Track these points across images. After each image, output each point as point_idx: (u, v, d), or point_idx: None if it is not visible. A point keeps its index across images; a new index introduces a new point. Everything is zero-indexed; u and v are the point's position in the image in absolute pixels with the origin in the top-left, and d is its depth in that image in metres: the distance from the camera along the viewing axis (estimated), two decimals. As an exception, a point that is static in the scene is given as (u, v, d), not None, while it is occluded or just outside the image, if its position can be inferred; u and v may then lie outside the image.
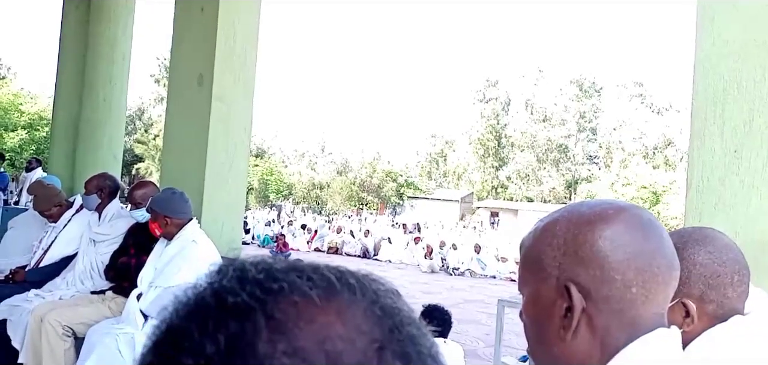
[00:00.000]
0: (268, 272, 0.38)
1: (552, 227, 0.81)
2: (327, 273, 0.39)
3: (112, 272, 3.57)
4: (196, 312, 0.36)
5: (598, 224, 0.78)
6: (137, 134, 40.94)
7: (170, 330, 0.36)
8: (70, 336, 3.25)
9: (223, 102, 4.14)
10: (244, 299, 0.36)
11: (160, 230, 3.15)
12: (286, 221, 24.95)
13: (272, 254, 7.61)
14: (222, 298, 0.36)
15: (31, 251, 4.23)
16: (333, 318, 0.36)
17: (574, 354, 0.78)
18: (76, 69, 6.46)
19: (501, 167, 52.82)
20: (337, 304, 0.37)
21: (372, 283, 0.40)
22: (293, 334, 0.35)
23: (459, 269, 14.60)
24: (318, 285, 0.37)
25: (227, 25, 4.14)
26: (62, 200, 4.34)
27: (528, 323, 0.85)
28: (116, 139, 6.48)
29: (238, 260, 0.40)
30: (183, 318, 0.36)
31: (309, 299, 0.36)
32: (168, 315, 0.37)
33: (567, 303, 0.77)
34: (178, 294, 0.38)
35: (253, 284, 0.37)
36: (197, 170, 4.08)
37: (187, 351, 0.34)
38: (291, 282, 0.37)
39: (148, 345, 0.37)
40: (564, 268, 0.78)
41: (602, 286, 0.76)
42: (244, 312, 0.35)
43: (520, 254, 0.86)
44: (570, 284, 0.77)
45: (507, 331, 4.27)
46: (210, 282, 0.38)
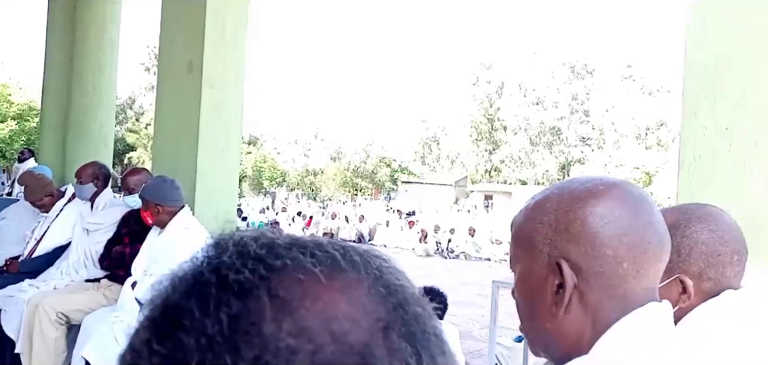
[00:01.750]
0: (269, 248, 0.36)
1: (543, 205, 0.82)
2: (330, 250, 0.38)
3: (106, 261, 3.57)
4: (195, 288, 0.34)
5: (589, 201, 0.78)
6: (129, 123, 40.72)
7: (168, 307, 0.35)
8: (64, 323, 3.25)
9: (213, 88, 4.11)
10: (246, 276, 0.34)
11: (152, 219, 3.14)
12: (281, 207, 24.94)
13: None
14: (223, 275, 0.34)
15: (24, 241, 4.21)
16: (338, 297, 0.35)
17: (566, 330, 0.78)
18: (64, 57, 6.39)
19: (494, 151, 52.88)
20: (342, 282, 0.36)
21: (375, 259, 0.39)
22: (298, 314, 0.33)
23: (454, 252, 14.67)
24: (322, 262, 0.36)
25: (216, 10, 4.11)
26: (53, 190, 4.32)
27: (520, 300, 0.85)
28: (107, 127, 6.43)
29: (237, 234, 0.38)
30: (182, 294, 0.35)
31: (313, 276, 0.35)
32: (164, 290, 0.36)
33: (559, 280, 0.78)
34: (174, 269, 0.37)
35: (255, 260, 0.35)
36: (189, 158, 4.06)
37: (187, 330, 0.32)
38: (294, 258, 0.36)
39: (143, 321, 0.35)
40: (555, 245, 0.78)
41: (593, 262, 0.76)
42: (247, 291, 0.34)
43: (511, 232, 0.86)
44: (561, 260, 0.77)
45: (502, 312, 4.28)
46: (208, 257, 0.36)
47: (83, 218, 3.90)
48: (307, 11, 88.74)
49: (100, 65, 6.24)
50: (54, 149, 6.45)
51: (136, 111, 42.94)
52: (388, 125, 59.87)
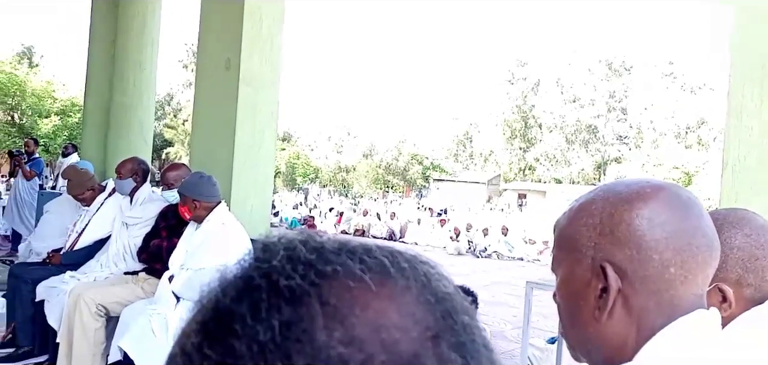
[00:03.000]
0: (319, 253, 0.36)
1: (588, 207, 0.80)
2: (379, 255, 0.37)
3: (144, 255, 3.64)
4: (246, 293, 0.34)
5: (636, 203, 0.76)
6: (167, 119, 41.55)
7: (219, 311, 0.34)
8: (103, 315, 3.33)
9: (250, 86, 4.17)
10: (297, 282, 0.34)
11: (190, 214, 3.20)
12: (313, 204, 25.15)
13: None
14: (273, 280, 0.34)
15: (66, 234, 4.34)
16: (387, 305, 0.35)
17: (609, 336, 0.76)
18: (106, 55, 6.56)
19: (528, 149, 52.26)
20: (390, 289, 0.36)
21: (422, 265, 0.39)
22: (349, 322, 0.33)
23: (486, 251, 14.56)
24: (371, 269, 0.36)
25: (254, 9, 4.15)
26: (95, 184, 4.44)
27: (562, 304, 0.83)
28: (146, 123, 6.58)
29: (285, 237, 0.38)
30: (233, 299, 0.34)
31: (363, 283, 0.35)
32: (214, 293, 0.36)
33: (602, 284, 0.76)
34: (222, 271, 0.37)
35: (305, 265, 0.35)
36: (226, 154, 4.12)
37: (238, 336, 0.32)
38: (344, 264, 0.36)
39: (194, 325, 0.35)
40: (600, 248, 0.76)
41: (639, 266, 0.74)
42: (299, 297, 0.33)
43: (555, 234, 0.85)
44: (606, 264, 0.75)
45: (535, 313, 4.24)
46: (257, 261, 0.36)
47: (123, 212, 3.99)
48: (341, 8, 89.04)
49: (141, 63, 6.38)
50: (96, 145, 6.62)
51: (174, 107, 43.80)
52: (420, 122, 59.67)
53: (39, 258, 4.27)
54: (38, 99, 32.97)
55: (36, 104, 32.77)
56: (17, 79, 32.43)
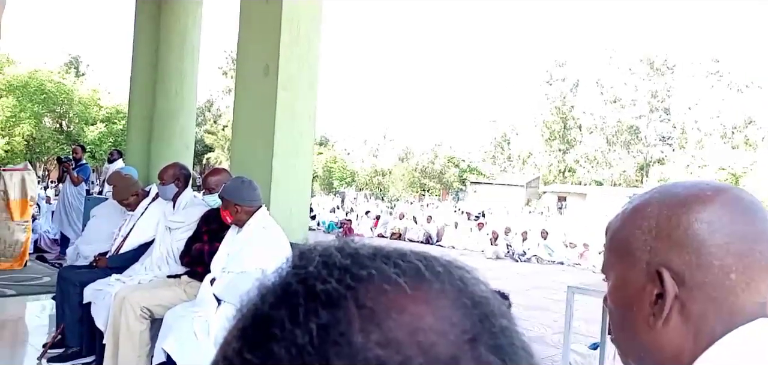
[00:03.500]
0: (354, 258, 0.37)
1: (643, 209, 0.77)
2: (414, 260, 0.38)
3: (187, 258, 3.71)
4: (284, 299, 0.35)
5: (694, 206, 0.73)
6: (207, 125, 42.38)
7: (258, 317, 0.35)
8: (148, 317, 3.41)
9: (288, 91, 4.21)
10: (333, 286, 0.35)
11: (232, 218, 3.24)
12: (350, 207, 25.27)
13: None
14: (310, 285, 0.35)
15: (112, 238, 4.46)
16: (423, 308, 0.35)
17: (664, 344, 0.73)
18: (149, 63, 6.72)
19: (568, 150, 51.37)
20: (426, 293, 0.36)
21: (458, 270, 0.39)
22: (386, 325, 0.33)
23: (525, 255, 14.36)
24: (406, 273, 0.36)
25: (291, 15, 4.19)
26: (139, 189, 4.55)
27: (613, 309, 0.80)
28: (188, 129, 6.72)
29: (321, 244, 0.39)
30: (271, 305, 0.35)
31: (398, 287, 0.35)
32: (253, 301, 0.36)
33: (658, 289, 0.73)
34: (261, 279, 0.37)
35: (340, 270, 0.36)
36: (265, 158, 4.17)
37: (277, 340, 0.33)
38: (379, 268, 0.36)
39: (234, 332, 0.36)
40: (656, 252, 0.73)
41: (698, 272, 0.71)
42: (335, 301, 0.34)
43: (607, 237, 0.82)
44: (662, 269, 0.72)
45: (576, 318, 4.15)
46: (294, 268, 0.37)
47: (166, 216, 4.08)
48: (377, 12, 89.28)
49: (182, 71, 6.53)
50: (140, 151, 6.79)
51: (214, 113, 44.65)
52: (456, 125, 59.33)
53: (86, 261, 4.40)
54: (85, 107, 34.10)
55: (83, 112, 33.89)
56: (65, 88, 33.63)
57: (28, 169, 7.73)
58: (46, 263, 7.89)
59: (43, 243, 8.92)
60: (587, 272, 12.61)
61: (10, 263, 7.12)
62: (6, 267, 7.05)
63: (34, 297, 6.14)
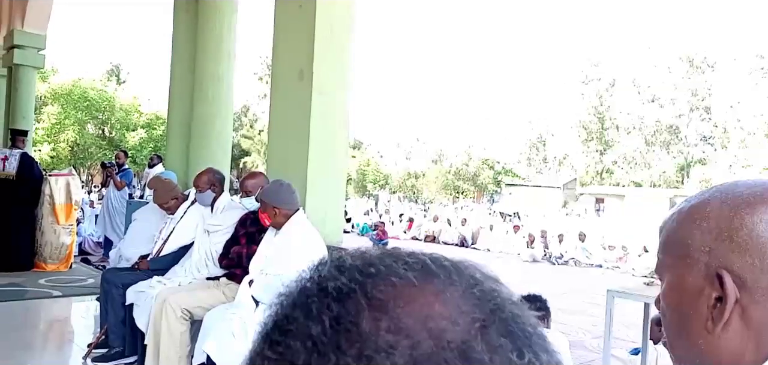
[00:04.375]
0: (363, 258, 0.39)
1: (702, 209, 0.74)
2: (421, 257, 0.40)
3: (225, 260, 3.77)
4: (299, 299, 0.38)
5: (759, 206, 0.69)
6: (244, 130, 42.97)
7: (277, 320, 0.38)
8: (188, 319, 3.48)
9: (323, 95, 4.24)
10: (343, 282, 0.37)
11: (270, 220, 3.29)
12: (384, 210, 25.30)
13: (372, 242, 7.74)
14: (322, 284, 0.38)
15: (152, 241, 4.56)
16: (431, 298, 0.37)
17: (722, 350, 0.70)
18: (187, 70, 6.86)
19: (606, 151, 50.37)
20: (435, 286, 0.37)
21: (467, 268, 0.40)
22: (395, 313, 0.35)
23: (562, 257, 14.14)
24: (413, 268, 0.38)
25: (325, 20, 4.23)
26: (178, 193, 4.65)
27: (667, 312, 0.77)
28: (225, 134, 6.82)
29: (335, 253, 0.42)
30: (288, 307, 0.38)
31: (406, 280, 0.37)
32: (275, 308, 0.39)
33: (718, 293, 0.70)
34: (282, 290, 0.40)
35: (350, 270, 0.38)
36: (300, 162, 4.21)
37: (293, 335, 0.36)
38: (387, 265, 0.38)
39: (259, 339, 0.38)
40: (716, 254, 0.70)
41: (762, 276, 0.68)
42: (345, 294, 0.37)
43: (661, 237, 0.79)
44: (723, 271, 0.69)
45: (616, 322, 4.07)
46: (311, 274, 0.40)
47: (204, 220, 4.16)
48: (410, 14, 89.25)
49: (219, 77, 6.64)
50: (179, 155, 6.93)
51: (250, 118, 45.25)
52: (491, 126, 58.70)
53: (128, 264, 4.51)
54: (126, 113, 35.01)
55: (124, 118, 34.81)
56: (107, 96, 34.61)
57: (73, 174, 7.98)
58: (91, 265, 8.13)
59: (88, 246, 9.18)
60: (627, 276, 12.33)
61: (56, 266, 7.36)
62: (52, 269, 7.29)
63: (79, 298, 6.33)
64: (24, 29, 10.96)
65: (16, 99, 10.85)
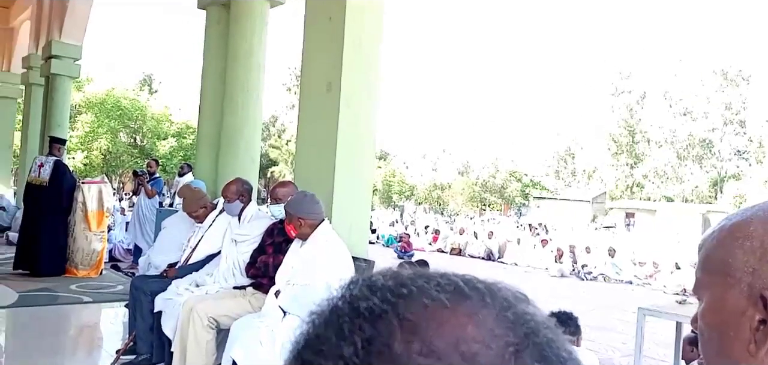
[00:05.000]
0: (395, 279, 0.39)
1: (744, 227, 0.71)
2: (454, 279, 0.39)
3: (252, 270, 3.80)
4: (331, 319, 0.38)
5: None
6: (272, 140, 43.44)
7: (309, 339, 0.38)
8: (214, 327, 3.50)
9: (350, 107, 4.26)
10: (375, 303, 0.37)
11: (296, 231, 3.30)
12: (409, 221, 25.24)
13: (397, 254, 7.69)
14: (354, 304, 0.38)
15: (181, 249, 4.61)
16: (464, 320, 0.36)
17: None
18: (217, 80, 6.96)
19: (636, 165, 49.53)
20: (468, 308, 0.37)
21: (500, 291, 0.40)
22: (427, 335, 0.35)
23: (591, 273, 13.90)
24: (446, 290, 0.38)
25: (353, 33, 4.25)
26: (207, 202, 4.70)
27: (706, 333, 0.75)
28: (253, 144, 6.89)
29: (366, 272, 0.42)
30: (319, 326, 0.38)
31: (439, 302, 0.37)
32: (306, 327, 0.39)
33: (761, 315, 0.67)
34: (314, 308, 0.40)
35: (382, 290, 0.38)
36: (327, 173, 4.23)
37: (325, 355, 0.36)
38: (419, 286, 0.38)
39: (290, 357, 0.39)
40: (760, 275, 0.68)
41: None
42: (377, 315, 0.36)
43: (700, 255, 0.76)
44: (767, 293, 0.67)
45: (647, 340, 3.98)
46: (342, 293, 0.40)
47: (231, 229, 4.19)
48: (436, 25, 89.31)
49: (248, 88, 6.72)
50: (208, 164, 7.02)
51: (279, 128, 45.73)
52: (518, 138, 58.18)
53: (157, 271, 4.57)
54: (157, 122, 35.69)
55: (155, 127, 35.47)
56: (139, 105, 35.34)
57: (105, 182, 8.14)
58: (120, 272, 8.27)
59: (118, 253, 9.35)
60: (658, 293, 12.07)
61: (87, 272, 7.51)
62: (83, 275, 7.43)
63: (108, 304, 6.44)
64: (61, 40, 11.27)
65: (53, 108, 11.13)
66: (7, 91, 15.46)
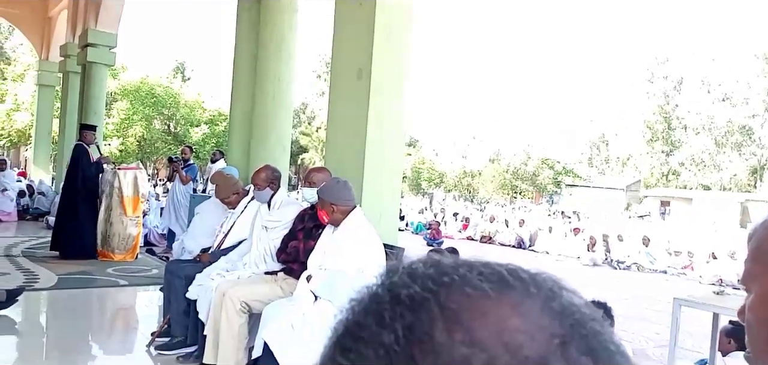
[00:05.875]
0: (437, 268, 0.38)
1: None
2: (497, 268, 0.38)
3: (282, 255, 3.84)
4: (371, 306, 0.37)
5: None
6: (302, 127, 43.67)
7: (349, 326, 0.37)
8: (246, 312, 3.55)
9: (380, 94, 4.25)
10: (416, 290, 0.36)
11: (328, 217, 3.32)
12: (438, 209, 25.16)
13: (426, 241, 7.69)
14: (395, 292, 0.37)
15: (214, 234, 4.69)
16: (508, 311, 0.35)
17: None
18: (249, 68, 7.02)
19: (672, 152, 48.40)
20: (511, 298, 0.36)
21: (545, 281, 0.39)
22: (470, 325, 0.34)
23: (625, 262, 13.68)
24: (489, 279, 0.37)
25: (384, 19, 4.23)
26: (239, 188, 4.76)
27: (755, 325, 0.72)
28: (284, 132, 6.94)
29: (407, 259, 0.41)
30: (359, 313, 0.37)
31: (482, 291, 0.36)
32: (346, 314, 0.39)
33: None
34: (353, 295, 0.40)
35: (424, 278, 0.37)
36: (357, 160, 4.24)
37: (365, 342, 0.35)
38: (461, 275, 0.37)
39: (330, 344, 0.38)
40: None
41: None
42: (418, 303, 0.36)
43: (750, 245, 0.74)
44: None
45: (682, 331, 3.90)
46: (382, 280, 0.39)
47: (262, 216, 4.24)
48: (467, 9, 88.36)
49: (279, 76, 6.76)
50: (240, 151, 7.11)
51: (309, 115, 45.96)
52: (550, 124, 57.33)
53: (191, 256, 4.66)
54: (190, 110, 36.18)
55: (188, 115, 35.98)
56: (172, 92, 35.87)
57: (140, 168, 8.31)
58: (155, 256, 8.46)
59: (152, 237, 9.54)
60: (693, 283, 11.82)
61: (123, 256, 7.69)
62: (120, 259, 7.62)
63: (143, 288, 6.60)
64: (97, 28, 11.50)
65: (89, 95, 11.40)
66: (46, 79, 15.90)
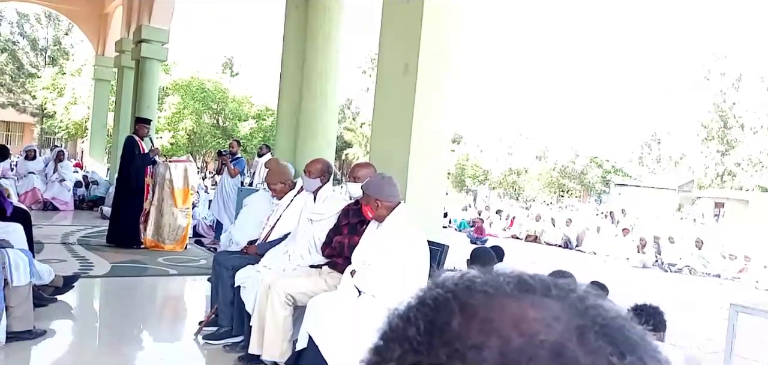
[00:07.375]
0: (463, 276, 0.42)
1: None
2: (523, 276, 0.41)
3: (327, 249, 3.87)
4: (402, 312, 0.42)
5: None
6: (346, 122, 43.93)
7: (383, 333, 0.42)
8: (291, 304, 3.60)
9: (426, 90, 4.23)
10: (439, 292, 0.41)
11: (372, 213, 3.33)
12: (483, 206, 24.93)
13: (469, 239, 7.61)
14: (421, 297, 0.42)
15: (260, 226, 4.77)
16: (527, 306, 0.38)
17: None
18: (296, 65, 7.10)
19: (728, 152, 46.54)
20: (532, 298, 0.38)
21: (569, 284, 0.41)
22: (486, 316, 0.37)
23: (676, 265, 13.24)
24: (510, 282, 0.40)
25: (432, 16, 4.20)
26: (289, 179, 4.81)
27: None
28: (330, 128, 7.00)
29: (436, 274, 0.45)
30: (392, 319, 0.42)
31: (502, 291, 0.39)
32: (383, 324, 0.43)
33: None
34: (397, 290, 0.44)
35: (448, 282, 0.42)
36: (402, 156, 4.23)
37: (393, 339, 0.40)
38: (484, 280, 0.41)
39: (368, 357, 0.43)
40: None
41: None
42: (440, 302, 0.40)
43: None
44: None
45: (738, 339, 3.74)
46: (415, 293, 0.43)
47: (307, 208, 4.28)
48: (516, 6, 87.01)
49: (326, 72, 6.81)
50: (287, 147, 7.20)
51: (353, 111, 46.18)
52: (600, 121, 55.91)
53: (238, 248, 4.75)
54: (238, 105, 36.91)
55: (236, 109, 36.71)
56: (221, 88, 36.67)
57: (190, 161, 8.54)
58: (203, 247, 8.67)
59: (201, 229, 9.78)
60: (748, 289, 11.35)
61: (173, 246, 7.92)
62: (170, 249, 7.84)
63: (192, 278, 6.78)
64: (150, 24, 11.85)
65: (143, 90, 11.76)
66: (102, 74, 16.50)
